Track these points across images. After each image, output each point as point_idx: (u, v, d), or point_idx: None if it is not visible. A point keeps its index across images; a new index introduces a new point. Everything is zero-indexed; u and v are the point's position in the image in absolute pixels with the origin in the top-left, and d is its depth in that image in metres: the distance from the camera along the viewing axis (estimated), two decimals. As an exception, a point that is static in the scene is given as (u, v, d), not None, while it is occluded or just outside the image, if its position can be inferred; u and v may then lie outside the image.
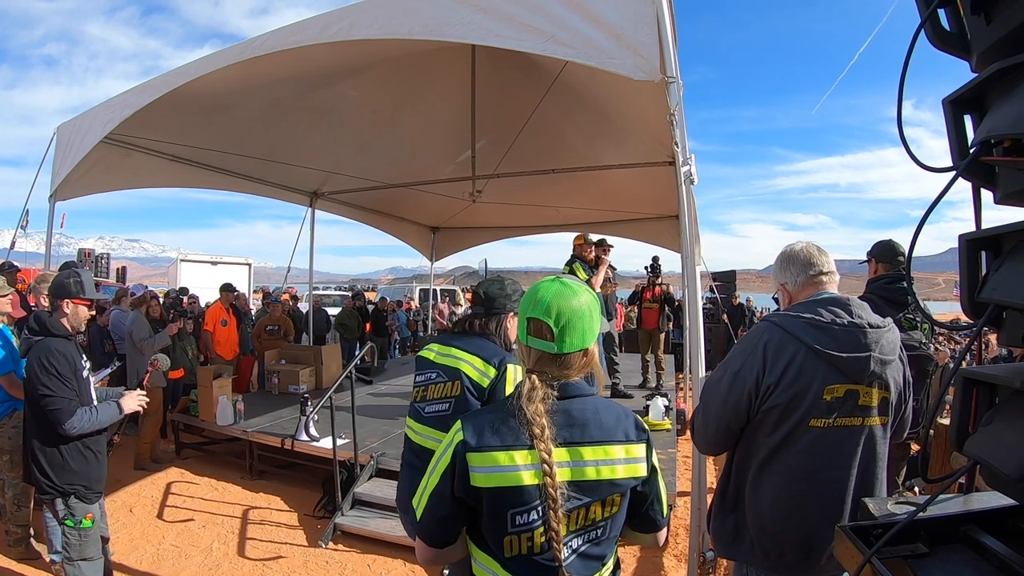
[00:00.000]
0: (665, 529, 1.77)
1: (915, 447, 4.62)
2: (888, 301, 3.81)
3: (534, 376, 1.54)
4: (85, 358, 3.54)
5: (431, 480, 1.52)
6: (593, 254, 7.93)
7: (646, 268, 10.03)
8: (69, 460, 3.31)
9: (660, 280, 10.04)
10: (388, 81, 7.14)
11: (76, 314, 3.47)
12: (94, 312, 3.78)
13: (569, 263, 7.81)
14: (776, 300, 2.44)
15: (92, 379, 3.63)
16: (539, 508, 1.45)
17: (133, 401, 3.50)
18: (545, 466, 1.43)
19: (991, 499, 1.19)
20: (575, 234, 8.05)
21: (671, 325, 10.15)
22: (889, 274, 4.05)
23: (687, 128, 3.81)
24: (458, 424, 1.53)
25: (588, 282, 7.58)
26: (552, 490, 1.42)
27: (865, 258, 4.31)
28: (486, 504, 1.46)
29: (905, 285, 3.92)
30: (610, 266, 8.06)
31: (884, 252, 4.15)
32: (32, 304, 4.35)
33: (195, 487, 6.34)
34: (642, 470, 1.59)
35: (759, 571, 2.24)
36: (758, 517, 2.19)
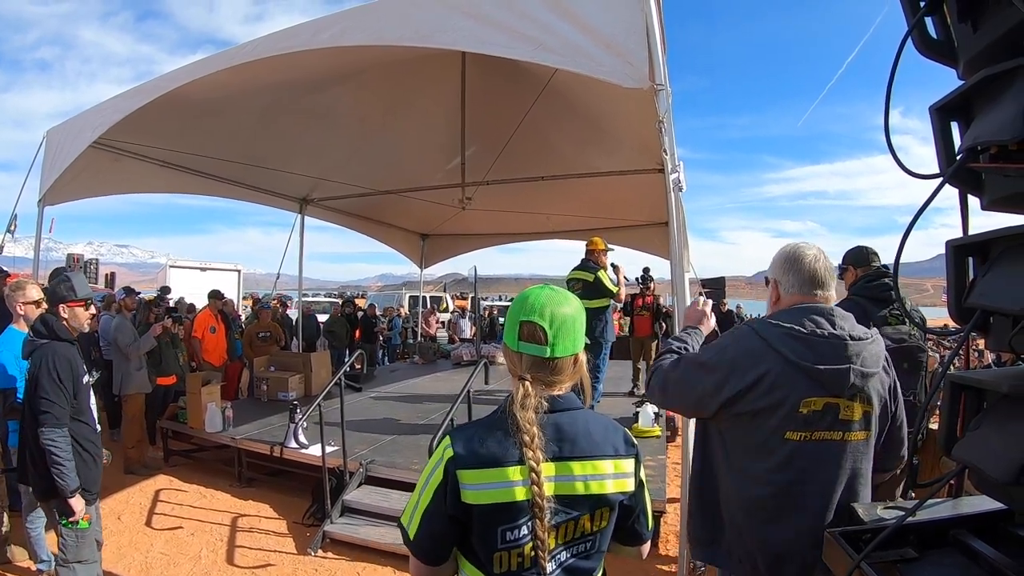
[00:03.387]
0: (648, 543, 1.76)
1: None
2: (873, 300, 3.83)
3: (527, 383, 1.51)
4: (85, 364, 3.55)
5: (423, 498, 1.49)
6: (609, 261, 7.79)
7: (637, 279, 10.10)
8: None
9: (652, 289, 10.11)
10: (378, 88, 7.15)
11: (74, 316, 3.52)
12: (93, 311, 3.79)
13: (591, 270, 7.49)
14: (767, 282, 2.36)
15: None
16: (529, 524, 1.44)
17: (79, 505, 3.36)
18: (533, 475, 1.41)
19: (980, 503, 1.19)
20: (565, 241, 7.97)
21: (663, 331, 10.24)
22: (869, 273, 4.08)
23: (676, 135, 3.82)
24: (447, 440, 1.50)
25: (617, 293, 7.43)
26: (539, 499, 1.41)
27: (841, 266, 4.34)
28: (476, 520, 1.44)
29: (887, 282, 3.94)
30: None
31: (859, 257, 4.20)
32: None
33: (184, 494, 6.30)
34: (630, 485, 1.58)
35: None
36: (734, 523, 2.15)
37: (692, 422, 2.62)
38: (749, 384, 2.03)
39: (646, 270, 10.33)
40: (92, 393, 3.62)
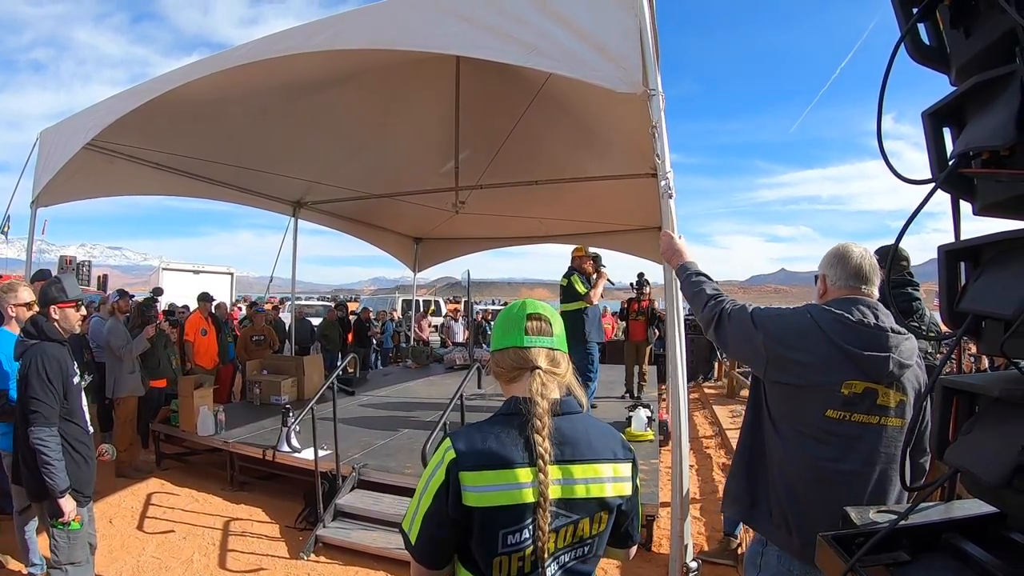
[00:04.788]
0: (636, 545, 1.78)
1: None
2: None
3: (540, 372, 1.55)
4: (76, 365, 3.54)
5: (424, 500, 1.48)
6: (592, 267, 8.02)
7: (631, 284, 10.24)
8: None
9: (648, 292, 10.23)
10: (372, 91, 7.15)
11: (66, 318, 3.53)
12: (84, 312, 3.80)
13: (567, 275, 7.93)
14: (816, 280, 2.54)
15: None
16: (531, 527, 1.43)
17: (69, 505, 3.37)
18: (541, 462, 1.43)
19: (972, 507, 1.20)
20: (558, 245, 8.12)
21: (656, 336, 10.36)
22: (892, 280, 4.07)
23: (670, 140, 3.82)
24: (448, 442, 1.50)
25: (587, 295, 7.65)
26: (544, 488, 1.42)
27: None
28: (477, 523, 1.44)
29: (910, 291, 3.97)
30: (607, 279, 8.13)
31: (886, 258, 4.15)
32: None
33: (176, 498, 6.28)
34: (627, 489, 1.60)
35: (775, 544, 2.29)
36: (775, 490, 2.27)
37: (685, 426, 2.67)
38: (795, 354, 2.20)
39: (640, 275, 10.43)
40: (84, 395, 3.62)
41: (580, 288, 7.74)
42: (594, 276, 8.03)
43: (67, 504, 3.30)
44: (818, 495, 2.14)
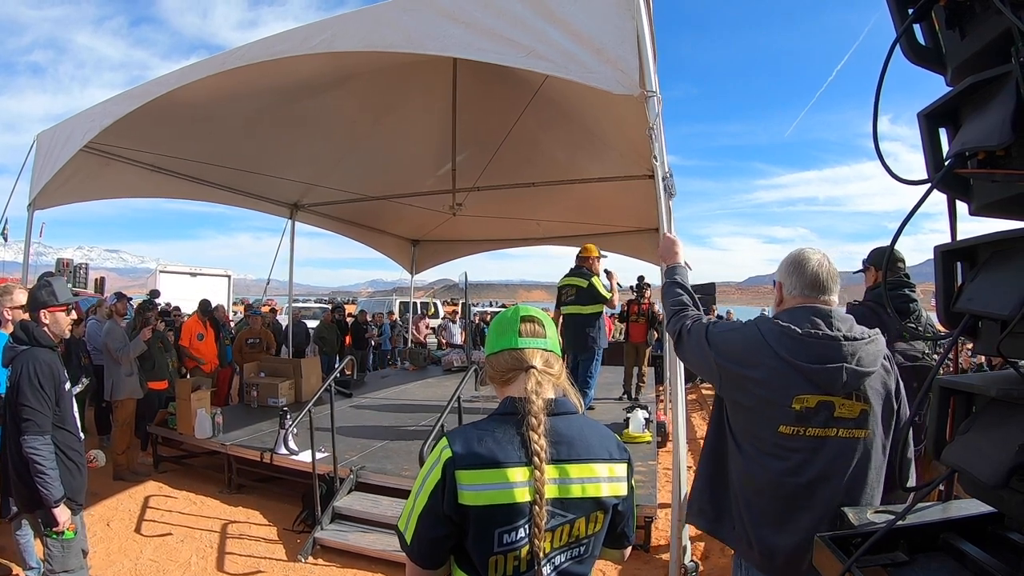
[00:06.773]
0: (631, 546, 1.78)
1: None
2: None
3: (535, 371, 1.57)
4: (65, 371, 3.51)
5: (419, 500, 1.48)
6: (604, 268, 7.98)
7: (632, 287, 10.27)
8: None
9: (648, 295, 10.27)
10: (369, 93, 7.14)
11: (56, 322, 3.47)
12: (74, 316, 3.75)
13: (586, 277, 7.69)
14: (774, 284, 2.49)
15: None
16: (526, 525, 1.43)
17: (64, 515, 3.33)
18: (536, 459, 1.43)
19: (969, 507, 1.20)
20: (556, 247, 8.02)
21: (655, 338, 10.41)
22: (888, 281, 4.05)
23: (668, 143, 3.83)
24: (444, 441, 1.50)
25: (611, 299, 7.55)
26: (540, 486, 1.42)
27: (859, 268, 4.30)
28: (472, 523, 1.43)
29: (907, 292, 3.96)
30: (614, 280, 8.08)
31: (881, 259, 4.12)
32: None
33: (173, 501, 6.27)
34: (623, 489, 1.60)
35: (740, 556, 2.28)
36: (737, 504, 2.24)
37: (683, 428, 2.66)
38: (743, 369, 2.16)
39: (641, 278, 10.50)
40: (75, 401, 3.58)
41: (604, 292, 7.58)
42: (603, 277, 7.93)
43: (62, 514, 3.25)
44: (776, 509, 2.10)
